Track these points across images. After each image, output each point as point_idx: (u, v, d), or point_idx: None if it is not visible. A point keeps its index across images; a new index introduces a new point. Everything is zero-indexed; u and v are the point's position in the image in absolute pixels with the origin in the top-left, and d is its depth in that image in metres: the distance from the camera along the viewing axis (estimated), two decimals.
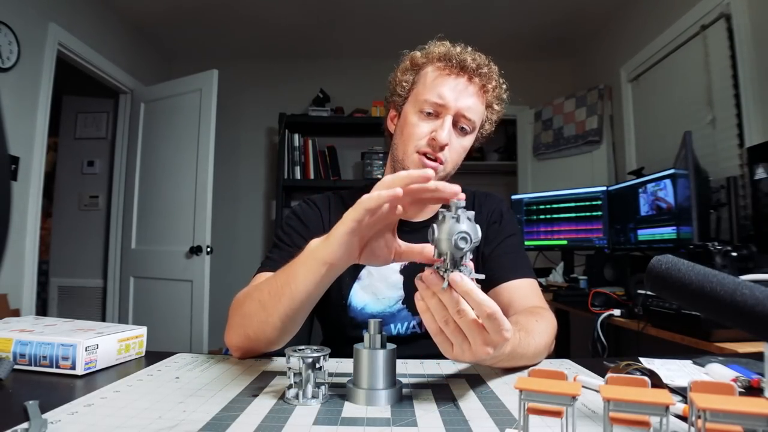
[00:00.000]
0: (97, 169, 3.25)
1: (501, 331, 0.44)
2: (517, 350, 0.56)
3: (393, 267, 0.83)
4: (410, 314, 0.82)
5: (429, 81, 0.80)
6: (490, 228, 0.87)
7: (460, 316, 0.44)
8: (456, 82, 0.78)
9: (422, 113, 0.79)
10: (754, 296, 0.36)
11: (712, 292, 0.38)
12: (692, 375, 0.57)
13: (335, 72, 3.39)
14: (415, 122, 0.80)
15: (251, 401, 0.49)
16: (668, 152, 2.05)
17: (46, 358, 0.59)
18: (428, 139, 0.78)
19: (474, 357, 0.45)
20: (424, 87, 0.81)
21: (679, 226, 1.64)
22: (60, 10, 2.30)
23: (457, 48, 0.81)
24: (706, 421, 0.30)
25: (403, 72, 0.85)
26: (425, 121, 0.79)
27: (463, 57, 0.79)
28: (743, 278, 0.41)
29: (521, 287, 0.80)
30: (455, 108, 0.77)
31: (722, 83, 1.88)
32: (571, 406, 0.34)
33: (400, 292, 0.83)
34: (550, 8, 2.71)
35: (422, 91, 0.80)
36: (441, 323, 0.45)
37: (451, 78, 0.78)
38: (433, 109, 0.78)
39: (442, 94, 0.77)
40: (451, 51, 0.80)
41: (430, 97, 0.78)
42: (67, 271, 3.21)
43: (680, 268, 0.41)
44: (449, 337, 0.46)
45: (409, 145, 0.80)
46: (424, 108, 0.79)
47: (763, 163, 1.40)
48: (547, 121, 3.07)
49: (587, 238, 2.17)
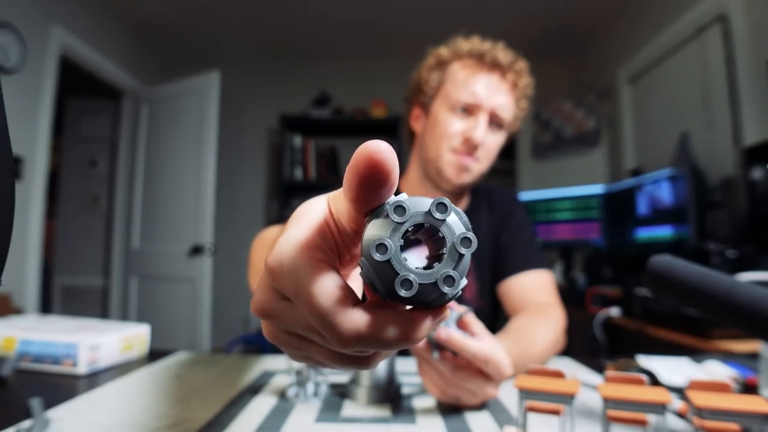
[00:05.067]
0: (100, 170, 3.26)
1: (500, 369, 0.45)
2: (518, 367, 0.55)
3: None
4: None
5: (460, 79, 0.78)
6: (502, 220, 0.87)
7: (458, 378, 0.45)
8: (489, 79, 0.76)
9: (454, 111, 0.77)
10: (750, 295, 0.36)
11: (709, 291, 0.38)
12: (690, 373, 0.57)
13: (336, 72, 3.39)
14: (448, 120, 0.77)
15: (252, 399, 0.49)
16: (666, 153, 2.06)
17: (49, 356, 0.59)
18: (462, 137, 0.76)
19: (484, 398, 0.47)
20: (454, 85, 0.78)
21: (677, 225, 1.64)
22: (63, 12, 2.31)
23: (485, 44, 0.79)
24: (703, 419, 0.31)
25: (428, 70, 0.83)
26: (458, 120, 0.77)
27: (494, 53, 0.77)
28: (740, 277, 0.41)
29: (531, 281, 0.80)
30: (490, 106, 0.75)
31: (719, 84, 1.89)
32: (569, 405, 0.34)
33: None
34: (549, 10, 2.72)
35: (453, 90, 0.78)
36: (444, 388, 0.46)
37: (484, 75, 0.76)
38: (466, 107, 0.76)
39: (476, 93, 0.75)
40: (481, 47, 0.78)
41: (462, 95, 0.76)
42: (70, 271, 3.21)
43: (677, 268, 0.41)
44: (455, 395, 0.47)
45: (442, 144, 0.77)
46: (457, 106, 0.77)
47: (759, 163, 1.40)
48: (546, 121, 3.07)
49: (585, 237, 2.17)
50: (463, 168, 0.76)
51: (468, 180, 0.78)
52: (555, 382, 0.36)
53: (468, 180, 0.78)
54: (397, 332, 0.18)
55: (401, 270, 0.17)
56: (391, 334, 0.18)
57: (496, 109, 0.75)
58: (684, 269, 0.41)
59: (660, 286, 0.42)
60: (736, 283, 0.38)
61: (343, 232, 0.21)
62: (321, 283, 0.18)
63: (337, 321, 0.17)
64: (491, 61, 0.76)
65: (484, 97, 0.75)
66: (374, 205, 0.18)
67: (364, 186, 0.18)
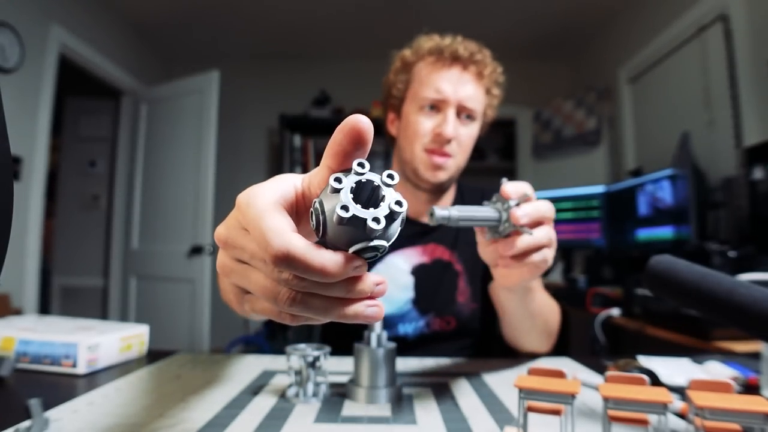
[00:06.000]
0: (100, 170, 3.26)
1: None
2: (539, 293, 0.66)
3: (403, 268, 0.82)
4: (419, 314, 0.81)
5: (424, 77, 0.79)
6: None
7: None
8: (451, 73, 0.77)
9: (423, 110, 0.78)
10: (751, 296, 0.36)
11: (709, 291, 0.38)
12: (690, 373, 0.57)
13: (336, 72, 3.39)
14: (418, 120, 0.78)
15: (252, 399, 0.49)
16: (666, 153, 2.05)
17: (48, 356, 0.59)
18: (433, 134, 0.77)
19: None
20: (419, 84, 0.79)
21: (678, 226, 1.64)
22: (63, 11, 2.31)
23: (446, 39, 0.80)
24: (704, 419, 0.31)
25: (395, 73, 0.84)
26: (427, 118, 0.78)
27: (454, 47, 0.77)
28: (741, 278, 0.41)
29: None
30: (456, 99, 0.76)
31: (720, 84, 1.89)
32: (570, 405, 0.34)
33: (410, 293, 0.81)
34: (550, 10, 2.72)
35: (419, 89, 0.79)
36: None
37: (446, 70, 0.77)
38: (433, 104, 0.77)
39: (440, 88, 0.76)
40: (441, 43, 0.79)
41: (428, 93, 0.77)
42: (69, 271, 3.21)
43: (678, 268, 0.41)
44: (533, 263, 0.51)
45: (415, 144, 0.78)
46: (424, 105, 0.78)
47: (760, 163, 1.40)
48: (547, 121, 3.07)
49: (586, 237, 2.17)
50: (437, 167, 0.77)
51: (444, 177, 0.79)
52: (555, 382, 0.36)
53: (444, 177, 0.79)
54: (322, 261, 0.22)
55: (345, 200, 0.22)
56: (317, 260, 0.22)
57: (463, 101, 0.76)
58: (684, 269, 0.41)
59: (660, 287, 0.42)
60: (736, 283, 0.38)
61: (308, 199, 0.26)
62: (273, 215, 0.23)
63: (274, 237, 0.22)
64: (452, 55, 0.77)
65: (449, 91, 0.76)
66: (346, 166, 0.24)
67: (347, 144, 0.23)
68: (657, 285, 0.42)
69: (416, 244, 0.84)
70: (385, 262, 0.83)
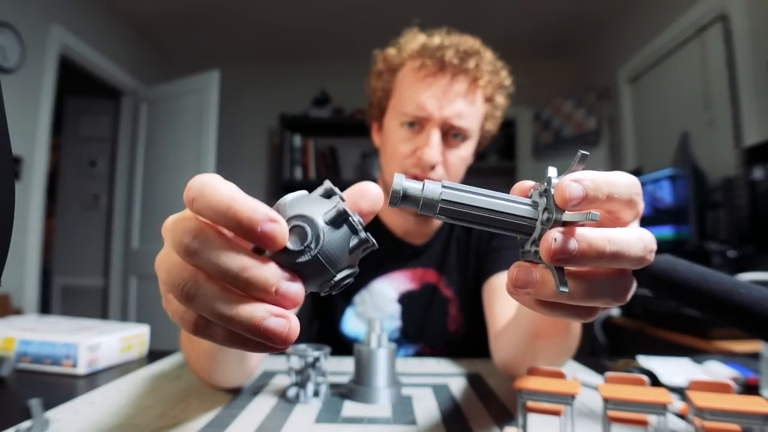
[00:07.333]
0: (100, 169, 3.26)
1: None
2: None
3: (389, 296, 0.74)
4: (408, 343, 0.75)
5: (405, 88, 0.66)
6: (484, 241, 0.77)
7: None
8: (436, 84, 0.63)
9: (403, 126, 0.66)
10: (751, 296, 0.36)
11: (709, 291, 0.38)
12: (690, 374, 0.57)
13: (336, 72, 3.39)
14: (398, 138, 0.66)
15: (252, 400, 0.49)
16: (666, 153, 2.05)
17: (49, 357, 0.59)
18: (415, 157, 0.64)
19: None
20: (401, 94, 0.67)
21: (677, 225, 1.64)
22: (63, 11, 2.31)
23: (435, 39, 0.66)
24: (704, 419, 0.31)
25: (376, 77, 0.71)
26: (408, 137, 0.65)
27: (441, 52, 0.64)
28: (741, 278, 0.41)
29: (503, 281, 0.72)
30: (440, 118, 0.63)
31: (720, 84, 1.89)
32: (570, 405, 0.34)
33: (397, 322, 0.74)
34: (549, 9, 2.71)
35: (399, 101, 0.66)
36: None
37: (430, 79, 0.64)
38: (414, 121, 0.65)
39: (422, 104, 0.63)
40: (427, 44, 0.66)
41: (408, 107, 0.64)
42: (69, 271, 3.21)
43: (678, 268, 0.41)
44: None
45: (394, 165, 0.66)
46: (404, 120, 0.65)
47: (760, 163, 1.40)
48: (546, 121, 3.07)
49: None
50: None
51: None
52: (555, 382, 0.36)
53: None
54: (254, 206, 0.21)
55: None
56: (248, 204, 0.21)
57: (449, 119, 0.63)
58: (684, 269, 0.41)
59: (660, 286, 0.42)
60: (736, 283, 0.38)
61: None
62: (222, 185, 0.23)
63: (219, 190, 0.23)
64: (438, 62, 0.63)
65: (432, 107, 0.63)
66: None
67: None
68: (657, 285, 0.42)
69: (403, 268, 0.76)
70: (369, 289, 0.75)
